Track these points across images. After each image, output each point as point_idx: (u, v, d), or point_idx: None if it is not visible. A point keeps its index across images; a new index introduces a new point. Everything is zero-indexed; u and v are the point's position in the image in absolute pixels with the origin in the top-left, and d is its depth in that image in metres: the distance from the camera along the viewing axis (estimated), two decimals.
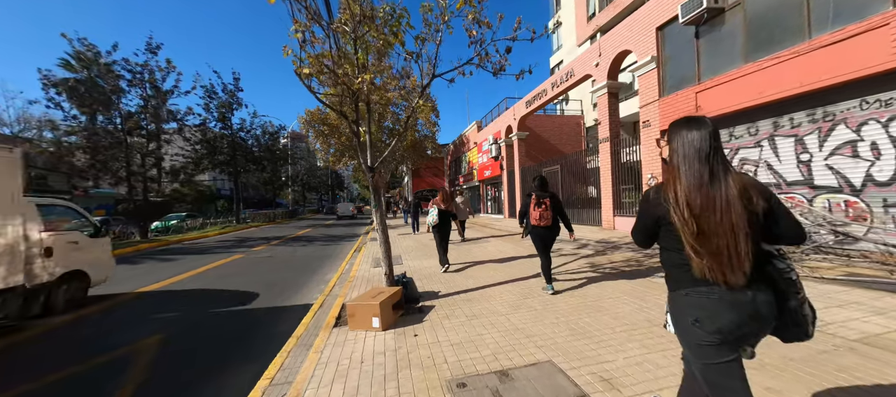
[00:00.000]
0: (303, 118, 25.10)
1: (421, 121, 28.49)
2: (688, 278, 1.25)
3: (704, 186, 1.19)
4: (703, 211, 1.18)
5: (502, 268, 6.29)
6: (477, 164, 24.47)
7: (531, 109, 15.76)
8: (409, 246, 10.07)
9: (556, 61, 23.58)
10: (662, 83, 8.46)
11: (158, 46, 15.48)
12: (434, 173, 35.32)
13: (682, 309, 1.28)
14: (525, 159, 17.44)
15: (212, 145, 23.15)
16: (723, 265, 1.16)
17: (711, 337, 1.21)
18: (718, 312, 1.20)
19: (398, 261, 7.61)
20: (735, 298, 1.19)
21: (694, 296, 1.24)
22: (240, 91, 24.68)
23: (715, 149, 1.23)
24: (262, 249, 12.32)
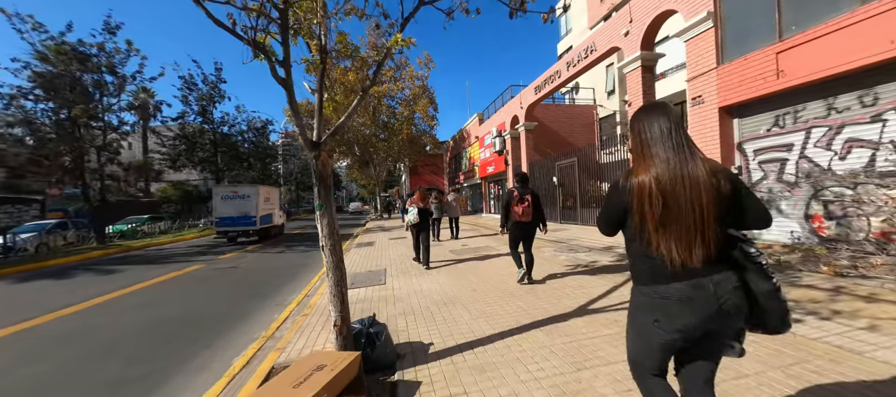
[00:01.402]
0: (288, 110, 23.24)
1: (418, 115, 26.72)
2: (649, 273, 1.23)
3: (671, 165, 1.17)
4: (671, 189, 1.15)
5: (520, 296, 4.43)
6: (478, 160, 22.61)
7: (541, 96, 13.90)
8: (400, 255, 8.23)
9: (564, 47, 21.69)
10: (721, 47, 6.59)
11: (118, 26, 13.61)
12: (433, 171, 33.47)
13: (643, 309, 1.27)
14: (533, 153, 15.58)
15: (191, 141, 21.33)
16: (688, 245, 1.14)
17: (672, 335, 1.19)
18: (679, 314, 1.17)
19: (379, 279, 5.75)
20: (696, 297, 1.16)
21: (655, 298, 1.22)
22: (222, 82, 22.84)
23: (679, 129, 1.22)
24: (232, 257, 10.53)
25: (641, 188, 1.19)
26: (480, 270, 5.89)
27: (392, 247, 9.57)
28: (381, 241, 11.20)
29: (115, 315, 4.99)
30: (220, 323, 4.35)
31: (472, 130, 24.32)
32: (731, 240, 1.21)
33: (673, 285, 1.18)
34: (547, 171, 14.05)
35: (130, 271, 8.78)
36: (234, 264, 9.26)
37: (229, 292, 6.11)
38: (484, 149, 21.42)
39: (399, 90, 24.78)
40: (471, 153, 24.80)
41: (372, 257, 8.10)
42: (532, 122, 15.53)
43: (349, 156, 25.70)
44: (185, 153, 20.82)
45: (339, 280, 2.70)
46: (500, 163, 18.64)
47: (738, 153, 6.55)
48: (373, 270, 6.53)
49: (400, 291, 4.91)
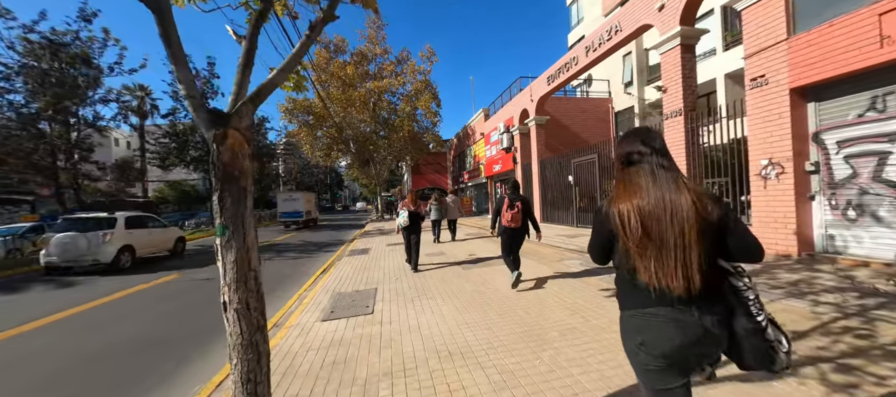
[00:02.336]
0: (283, 106, 22.17)
1: (421, 112, 25.51)
2: (634, 298, 1.21)
3: (653, 194, 1.15)
4: (655, 219, 1.13)
5: (553, 341, 3.20)
6: (484, 158, 21.36)
7: (554, 86, 12.62)
8: (397, 267, 7.03)
9: (576, 38, 20.36)
10: (793, 13, 5.30)
11: (94, 14, 12.54)
12: (436, 170, 32.24)
13: (629, 332, 1.24)
14: (544, 150, 14.30)
15: (181, 139, 20.31)
16: (671, 275, 1.11)
17: (657, 361, 1.16)
18: (663, 336, 1.14)
19: (366, 304, 4.53)
20: (681, 320, 1.13)
21: (639, 318, 1.20)
22: (215, 77, 21.79)
23: (663, 155, 1.20)
24: (212, 266, 9.42)
25: (622, 217, 1.17)
26: (490, 287, 4.67)
27: (388, 256, 8.37)
28: (377, 248, 10.01)
29: (61, 338, 4.24)
30: (165, 358, 3.18)
31: (476, 127, 23.07)
32: (720, 271, 1.16)
33: (659, 308, 1.15)
34: (560, 170, 12.78)
35: (97, 282, 7.74)
36: (210, 275, 8.14)
37: (190, 314, 4.99)
38: (490, 147, 20.16)
39: (400, 85, 23.59)
40: (475, 151, 23.54)
41: (364, 269, 6.91)
42: (544, 117, 14.24)
43: (347, 154, 24.51)
44: (176, 152, 19.79)
45: (252, 369, 1.48)
46: (507, 161, 17.38)
47: (814, 145, 5.27)
48: (361, 290, 5.33)
49: (390, 327, 3.70)
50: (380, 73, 24.11)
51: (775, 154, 5.47)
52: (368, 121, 22.93)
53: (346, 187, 78.32)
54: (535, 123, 14.21)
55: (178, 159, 19.91)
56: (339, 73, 20.64)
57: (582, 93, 19.39)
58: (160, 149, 19.66)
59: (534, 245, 8.65)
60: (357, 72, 21.94)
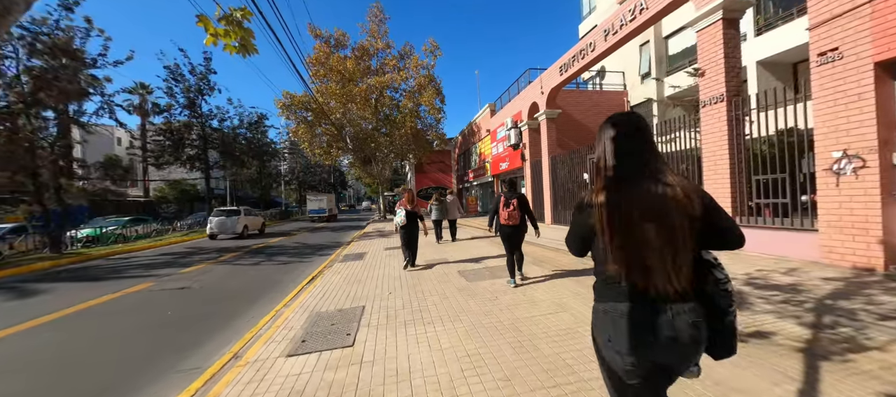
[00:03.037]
0: (280, 102, 21.40)
1: (424, 108, 24.60)
2: (610, 292, 1.16)
3: (637, 185, 1.09)
4: (638, 212, 1.06)
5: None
6: (490, 156, 20.40)
7: (568, 76, 11.62)
8: (392, 277, 6.12)
9: (587, 28, 19.28)
10: None
11: (76, 2, 11.81)
12: (440, 168, 31.34)
13: (600, 326, 1.19)
14: (555, 146, 13.31)
15: (176, 136, 19.64)
16: (654, 275, 1.05)
17: (625, 358, 1.10)
18: (634, 335, 1.09)
19: (346, 331, 3.63)
20: (655, 320, 1.07)
21: (612, 313, 1.14)
22: (212, 73, 21.11)
23: (646, 143, 1.13)
24: (195, 271, 8.70)
25: (603, 210, 1.11)
26: (500, 306, 3.74)
27: (384, 263, 7.46)
28: (374, 253, 9.12)
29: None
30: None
31: (482, 123, 22.11)
32: (701, 264, 1.12)
33: (632, 305, 1.10)
34: (573, 167, 11.79)
35: (58, 292, 7.01)
36: (189, 282, 7.36)
37: (150, 335, 4.15)
38: (496, 144, 19.20)
39: (402, 80, 22.70)
40: (481, 149, 22.59)
41: (354, 280, 6.01)
42: (555, 110, 13.25)
43: (347, 152, 23.67)
44: (171, 150, 19.12)
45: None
46: (515, 159, 16.41)
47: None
48: (346, 308, 4.43)
49: (372, 370, 2.79)
50: (382, 69, 23.27)
51: (852, 144, 4.45)
52: (370, 118, 22.09)
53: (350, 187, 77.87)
54: (545, 117, 13.22)
55: (172, 157, 19.24)
56: (339, 67, 19.81)
57: (594, 86, 18.33)
58: (155, 147, 19.02)
59: (550, 252, 7.69)
60: (358, 67, 21.10)
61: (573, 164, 11.94)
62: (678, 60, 14.15)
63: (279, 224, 27.79)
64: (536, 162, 14.49)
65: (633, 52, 15.49)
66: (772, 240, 5.46)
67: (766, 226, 5.65)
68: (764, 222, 5.67)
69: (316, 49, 20.89)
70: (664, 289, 1.05)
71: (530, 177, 14.94)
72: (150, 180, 37.80)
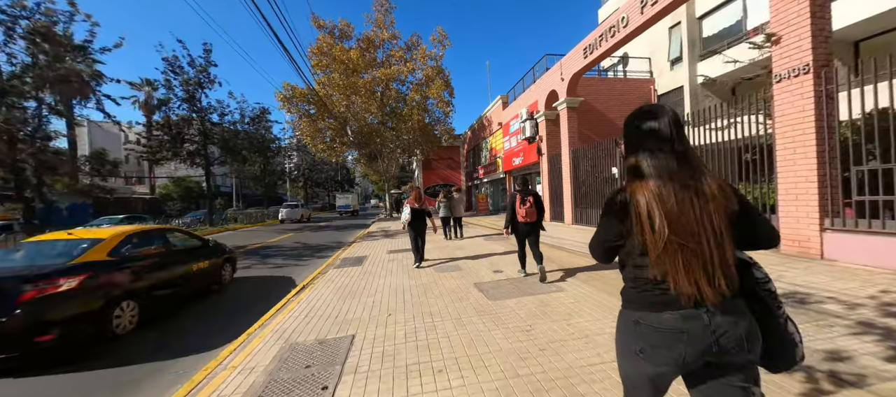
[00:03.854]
0: (281, 94, 20.47)
1: (432, 101, 23.48)
2: (641, 299, 1.08)
3: (675, 182, 1.01)
4: (677, 211, 0.98)
5: None
6: (502, 151, 19.20)
7: (593, 59, 10.37)
8: (395, 288, 5.02)
9: (609, 11, 17.88)
10: None
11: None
12: (448, 165, 30.24)
13: (629, 333, 1.10)
14: (577, 139, 12.06)
15: (175, 131, 18.89)
16: (698, 275, 0.97)
17: (660, 368, 1.03)
18: (667, 345, 1.01)
19: (324, 373, 2.55)
20: (688, 325, 0.99)
21: (643, 323, 1.06)
22: (212, 65, 20.30)
23: (680, 138, 1.04)
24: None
25: (640, 209, 1.02)
26: (546, 340, 2.62)
27: (387, 271, 6.38)
28: (375, 257, 8.06)
29: None
30: None
31: (493, 117, 20.90)
32: (740, 265, 1.04)
33: (664, 314, 1.02)
34: (596, 161, 10.57)
35: None
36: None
37: (71, 371, 3.12)
38: (509, 138, 17.99)
39: (409, 72, 21.59)
40: (492, 143, 21.39)
41: (348, 293, 4.94)
42: (577, 98, 12.00)
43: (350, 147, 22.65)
44: (168, 145, 18.38)
45: None
46: (530, 153, 15.19)
47: None
48: (329, 339, 3.35)
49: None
50: (387, 61, 22.22)
51: None
52: (375, 112, 21.05)
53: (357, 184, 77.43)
54: (566, 106, 11.98)
55: (170, 153, 18.50)
56: (342, 56, 18.79)
57: (614, 74, 16.96)
58: (152, 142, 18.31)
59: (580, 257, 6.50)
60: (363, 58, 20.05)
61: (597, 158, 10.71)
62: (713, 43, 12.75)
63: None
64: (555, 156, 13.26)
65: (661, 35, 14.11)
66: (889, 248, 4.21)
67: (879, 232, 4.38)
68: (882, 226, 4.39)
69: (319, 40, 19.92)
70: (706, 293, 0.96)
71: (547, 172, 13.72)
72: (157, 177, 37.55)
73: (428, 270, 6.20)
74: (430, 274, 5.93)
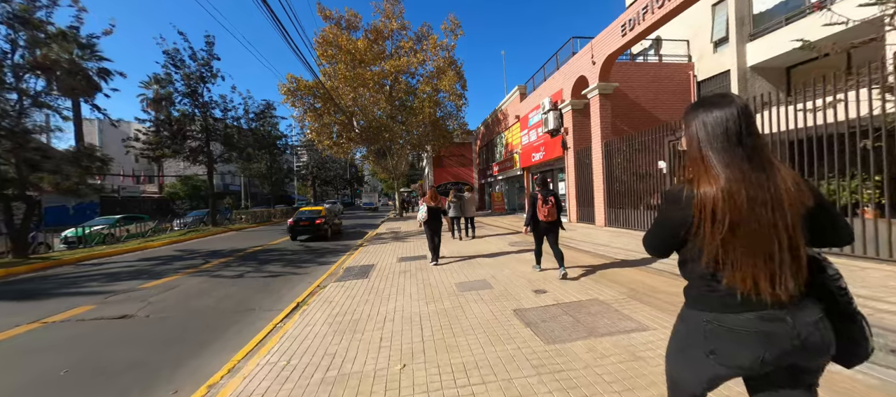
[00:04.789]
0: (284, 86, 19.48)
1: (443, 94, 22.24)
2: (712, 299, 1.01)
3: (746, 175, 0.94)
4: (748, 207, 0.92)
5: None
6: (519, 147, 17.85)
7: (633, 36, 9.00)
8: (408, 317, 3.81)
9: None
10: None
11: None
12: (460, 162, 28.98)
13: (697, 335, 1.03)
14: (610, 131, 10.67)
15: (176, 127, 18.09)
16: (772, 274, 0.91)
17: (732, 370, 0.98)
18: (745, 349, 0.94)
19: None
20: (771, 330, 0.93)
21: (716, 325, 0.98)
22: (215, 59, 19.42)
23: (750, 130, 0.97)
24: (159, 286, 6.91)
25: (707, 203, 0.95)
26: None
27: (398, 287, 5.17)
28: (384, 265, 6.87)
29: None
30: None
31: (509, 110, 19.54)
32: (811, 263, 0.98)
33: (743, 315, 0.95)
34: (632, 155, 9.22)
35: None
36: (140, 305, 5.59)
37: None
38: (527, 132, 16.64)
39: (419, 63, 20.37)
40: (508, 138, 20.04)
41: (347, 324, 3.75)
42: (611, 84, 10.61)
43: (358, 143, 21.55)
44: (169, 142, 17.58)
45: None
46: (552, 147, 13.82)
47: None
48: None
49: None
50: (396, 53, 21.06)
51: None
52: (383, 106, 19.90)
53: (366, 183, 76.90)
54: (598, 93, 10.60)
55: (171, 150, 17.70)
56: (349, 46, 17.67)
57: (643, 59, 15.41)
58: (152, 139, 17.53)
59: (635, 272, 5.18)
60: (371, 50, 18.91)
61: (633, 151, 9.35)
62: (765, 20, 11.20)
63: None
64: (583, 150, 11.89)
65: (702, 15, 12.57)
66: None
67: None
68: None
69: (325, 31, 18.85)
70: (779, 292, 0.91)
71: (574, 168, 12.35)
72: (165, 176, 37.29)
73: (449, 287, 4.98)
74: (451, 292, 4.70)
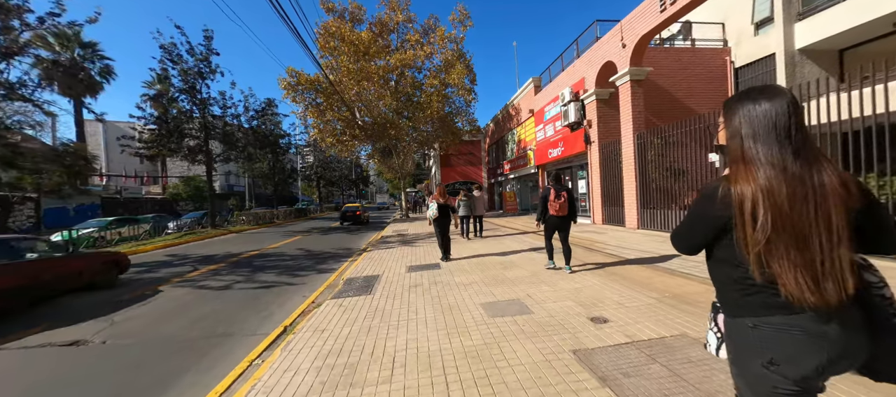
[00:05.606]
0: (284, 80, 18.57)
1: (451, 89, 21.18)
2: (756, 302, 0.94)
3: (790, 172, 0.89)
4: (791, 205, 0.87)
5: None
6: (534, 143, 16.72)
7: (675, 11, 7.85)
8: (433, 359, 2.75)
9: None
10: None
11: None
12: (469, 161, 27.88)
13: (749, 346, 0.96)
14: (642, 122, 9.52)
15: (173, 125, 17.29)
16: (816, 280, 0.86)
17: (792, 386, 0.91)
18: (804, 352, 0.89)
19: None
20: (823, 329, 0.88)
21: (766, 328, 0.92)
22: (214, 54, 18.59)
23: (798, 125, 0.91)
24: (136, 297, 5.97)
25: (746, 202, 0.90)
26: None
27: (411, 309, 4.12)
28: (391, 277, 5.83)
29: None
30: None
31: (523, 104, 18.42)
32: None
33: (794, 316, 0.90)
34: (665, 149, 8.08)
35: None
36: (102, 326, 4.54)
37: None
38: (543, 127, 15.50)
39: (426, 56, 19.33)
40: (521, 134, 18.92)
41: (341, 373, 2.71)
42: (643, 68, 9.46)
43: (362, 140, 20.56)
44: (165, 140, 16.77)
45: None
46: (573, 142, 12.68)
47: None
48: None
49: None
50: (402, 46, 20.06)
51: None
52: (389, 102, 18.89)
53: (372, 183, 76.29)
54: (629, 79, 9.46)
55: (167, 149, 16.89)
56: (352, 37, 16.71)
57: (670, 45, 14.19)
58: (148, 137, 16.75)
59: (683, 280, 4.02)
60: (375, 43, 17.91)
61: (666, 144, 8.25)
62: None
63: (293, 223, 25.28)
64: (610, 144, 10.75)
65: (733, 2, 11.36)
66: None
67: None
68: None
69: (327, 24, 17.89)
70: (824, 297, 0.86)
71: (599, 165, 11.21)
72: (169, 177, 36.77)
73: (475, 310, 3.91)
74: (479, 318, 3.64)
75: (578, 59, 12.27)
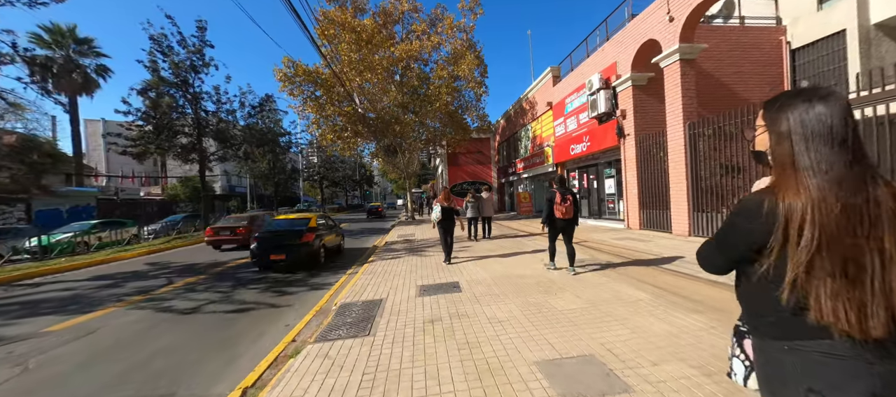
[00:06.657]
0: (280, 72, 17.29)
1: (460, 80, 19.76)
2: (794, 325, 0.83)
3: (844, 186, 0.77)
4: (844, 223, 0.76)
5: None
6: (552, 138, 15.26)
7: None
8: None
9: None
10: None
11: None
12: (477, 160, 26.47)
13: (785, 372, 0.84)
14: (694, 110, 8.03)
15: (163, 121, 16.13)
16: (860, 307, 0.75)
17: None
18: (848, 381, 0.76)
19: None
20: (870, 356, 0.76)
21: (804, 353, 0.81)
22: (208, 46, 17.43)
23: (853, 133, 0.80)
24: (79, 324, 4.72)
25: (795, 218, 0.79)
26: None
27: (428, 366, 2.73)
28: (398, 305, 4.43)
29: None
30: None
31: (539, 96, 16.98)
32: None
33: (838, 342, 0.78)
34: (725, 138, 6.62)
35: None
36: (70, 336, 3.18)
37: None
38: (564, 121, 14.03)
39: (433, 47, 17.98)
40: (536, 130, 17.47)
41: None
42: (697, 46, 7.98)
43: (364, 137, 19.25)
44: (153, 137, 15.62)
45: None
46: (602, 136, 11.21)
47: None
48: None
49: None
50: (408, 38, 18.75)
51: None
52: (393, 96, 17.56)
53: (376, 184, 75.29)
54: (679, 59, 7.98)
55: (155, 147, 15.75)
56: (353, 24, 15.40)
57: (727, 20, 12.65)
58: (136, 134, 15.62)
59: None
60: (379, 34, 16.60)
61: (720, 136, 6.85)
62: None
63: None
64: (648, 137, 9.28)
65: None
66: None
67: None
68: None
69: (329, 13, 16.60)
70: (868, 327, 0.75)
71: (636, 161, 9.73)
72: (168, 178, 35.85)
73: (531, 379, 2.52)
74: (541, 394, 2.26)
75: (608, 42, 10.81)
